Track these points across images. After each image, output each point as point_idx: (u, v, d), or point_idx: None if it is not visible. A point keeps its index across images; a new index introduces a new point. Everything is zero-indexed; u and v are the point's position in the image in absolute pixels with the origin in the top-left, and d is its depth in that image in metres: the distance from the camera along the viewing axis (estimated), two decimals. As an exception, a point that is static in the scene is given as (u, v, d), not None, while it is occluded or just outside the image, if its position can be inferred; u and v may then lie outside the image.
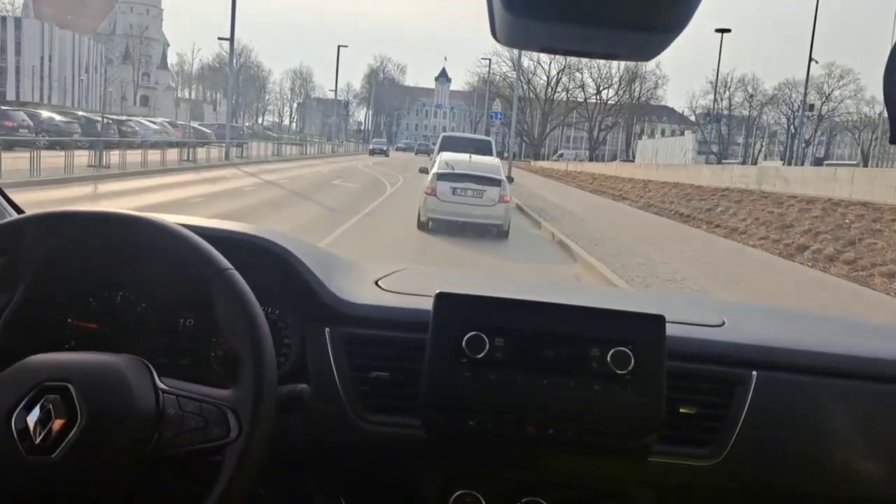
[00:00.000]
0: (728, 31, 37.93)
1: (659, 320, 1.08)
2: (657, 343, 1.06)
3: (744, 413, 1.12)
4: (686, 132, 42.57)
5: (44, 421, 0.77)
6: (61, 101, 65.54)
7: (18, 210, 1.36)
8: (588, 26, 0.49)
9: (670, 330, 1.08)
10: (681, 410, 1.11)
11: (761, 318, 1.45)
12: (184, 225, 0.96)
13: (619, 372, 1.05)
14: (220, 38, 32.75)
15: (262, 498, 1.12)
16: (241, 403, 0.85)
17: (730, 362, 1.16)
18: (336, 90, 61.38)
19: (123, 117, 32.70)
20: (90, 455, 0.77)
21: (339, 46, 57.15)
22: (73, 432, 0.77)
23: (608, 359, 1.05)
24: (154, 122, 33.85)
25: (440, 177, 11.31)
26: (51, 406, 0.78)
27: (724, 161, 45.98)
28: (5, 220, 0.97)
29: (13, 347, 0.94)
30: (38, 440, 0.77)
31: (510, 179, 12.51)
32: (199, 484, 0.83)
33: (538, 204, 18.50)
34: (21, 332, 1.02)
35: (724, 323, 1.27)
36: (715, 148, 67.62)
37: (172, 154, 23.08)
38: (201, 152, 25.94)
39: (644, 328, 1.08)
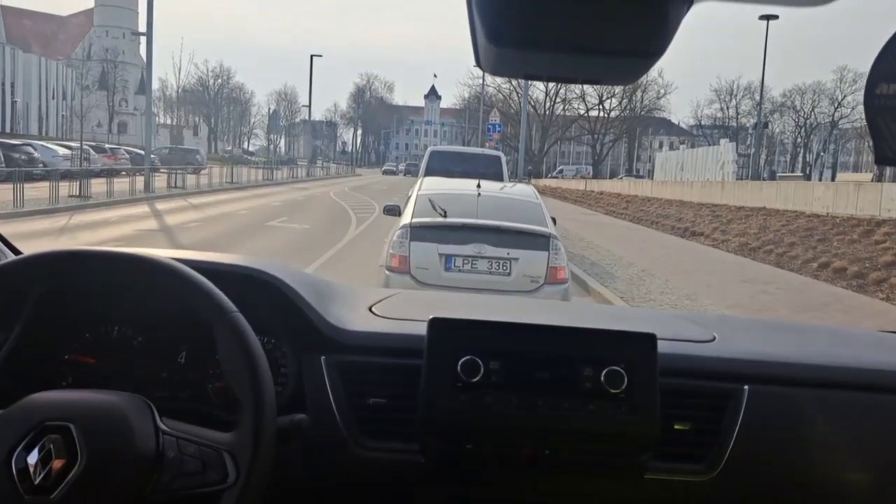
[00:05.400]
0: (775, 17, 31.34)
1: (650, 338, 1.07)
2: (649, 361, 1.06)
3: (737, 427, 1.12)
4: (722, 141, 35.85)
5: (44, 461, 0.77)
6: (24, 129, 59.15)
7: (15, 250, 1.38)
8: (570, 54, 0.49)
9: (661, 347, 1.08)
10: (675, 427, 1.11)
11: (751, 333, 1.42)
12: (180, 260, 0.96)
13: (612, 391, 1.04)
14: (134, 34, 26.41)
15: None
16: (240, 448, 0.84)
17: (721, 377, 1.15)
18: (310, 103, 54.56)
19: (17, 142, 25.38)
20: (89, 496, 0.77)
21: (311, 56, 50.60)
22: (72, 473, 0.76)
23: (602, 378, 1.04)
24: (69, 147, 26.67)
25: (418, 232, 5.01)
26: (51, 446, 0.77)
27: (780, 175, 39.21)
28: (3, 262, 0.96)
29: (9, 386, 0.93)
30: (37, 480, 0.76)
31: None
32: None
33: (586, 253, 11.52)
34: (17, 370, 1.02)
35: (714, 338, 1.26)
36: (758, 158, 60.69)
37: (39, 191, 16.12)
38: (97, 184, 18.88)
39: (636, 347, 1.07)
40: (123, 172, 25.63)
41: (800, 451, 1.12)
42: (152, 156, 30.89)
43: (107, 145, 34.23)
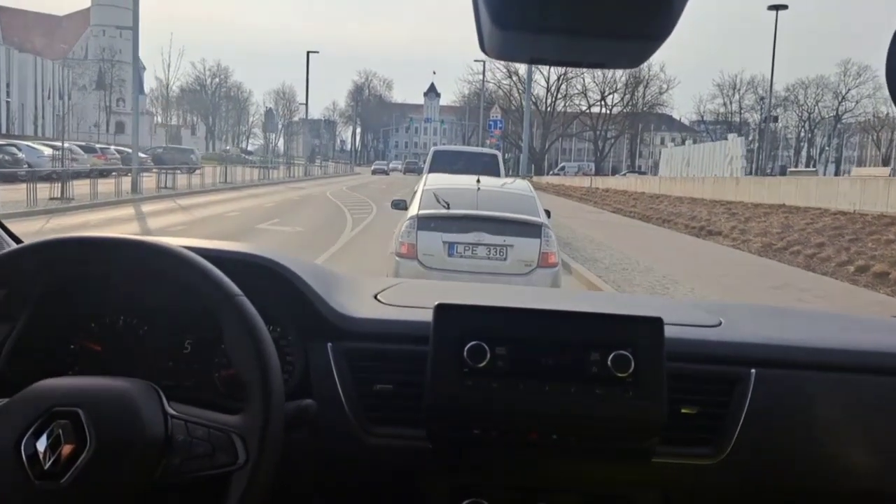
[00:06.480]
0: (785, 7, 30.42)
1: (657, 322, 1.07)
2: (656, 345, 1.06)
3: (744, 411, 1.12)
4: (730, 135, 35.05)
5: (53, 446, 0.78)
6: (20, 129, 58.22)
7: (16, 239, 1.38)
8: (575, 37, 0.49)
9: (668, 332, 1.08)
10: (682, 411, 1.11)
11: (757, 317, 1.43)
12: (186, 247, 0.96)
13: (619, 375, 1.04)
14: (118, 27, 25.57)
15: None
16: (249, 430, 0.85)
17: (728, 361, 1.15)
18: (307, 101, 53.63)
19: (1, 142, 24.44)
20: (99, 481, 0.78)
21: (308, 52, 49.61)
22: (82, 458, 0.77)
23: (609, 363, 1.04)
24: (54, 147, 25.72)
25: (424, 222, 5.59)
26: (60, 431, 0.78)
27: (791, 170, 38.36)
28: (5, 251, 0.96)
29: (16, 374, 0.94)
30: (47, 466, 0.77)
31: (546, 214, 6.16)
32: None
33: (598, 256, 10.64)
34: (23, 359, 1.03)
35: (720, 323, 1.26)
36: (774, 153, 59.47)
37: (21, 193, 15.26)
38: (82, 186, 17.98)
39: (643, 331, 1.07)
40: (114, 173, 24.74)
41: (807, 434, 1.12)
42: (144, 155, 29.99)
43: (97, 145, 33.31)
